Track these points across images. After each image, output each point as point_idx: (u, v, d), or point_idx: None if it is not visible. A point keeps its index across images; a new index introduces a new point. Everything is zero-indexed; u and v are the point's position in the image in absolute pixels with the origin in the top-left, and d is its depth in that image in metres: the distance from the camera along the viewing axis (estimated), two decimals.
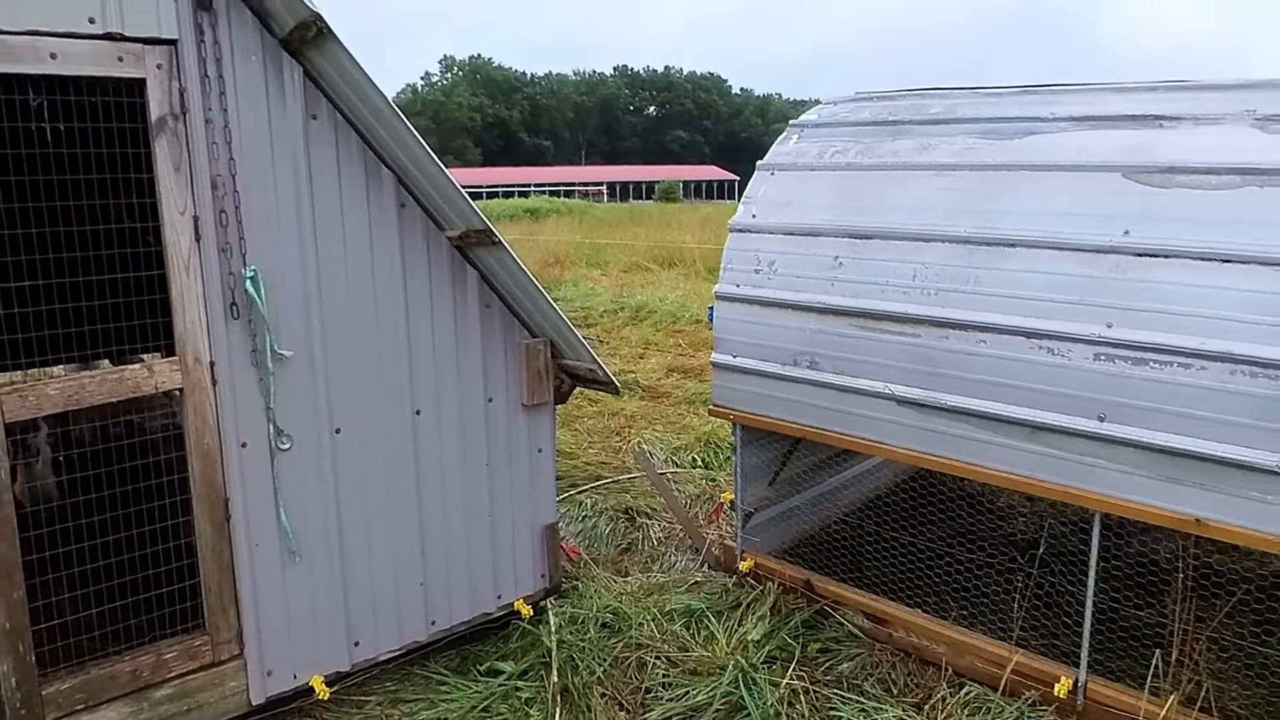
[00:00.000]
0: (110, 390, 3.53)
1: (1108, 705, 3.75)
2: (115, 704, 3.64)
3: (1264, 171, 3.30)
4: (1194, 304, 3.33)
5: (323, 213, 3.94)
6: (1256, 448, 3.20)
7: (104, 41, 3.34)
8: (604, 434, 8.32)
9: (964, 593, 4.71)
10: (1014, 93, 4.39)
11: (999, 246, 3.85)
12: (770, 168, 4.85)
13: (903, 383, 4.15)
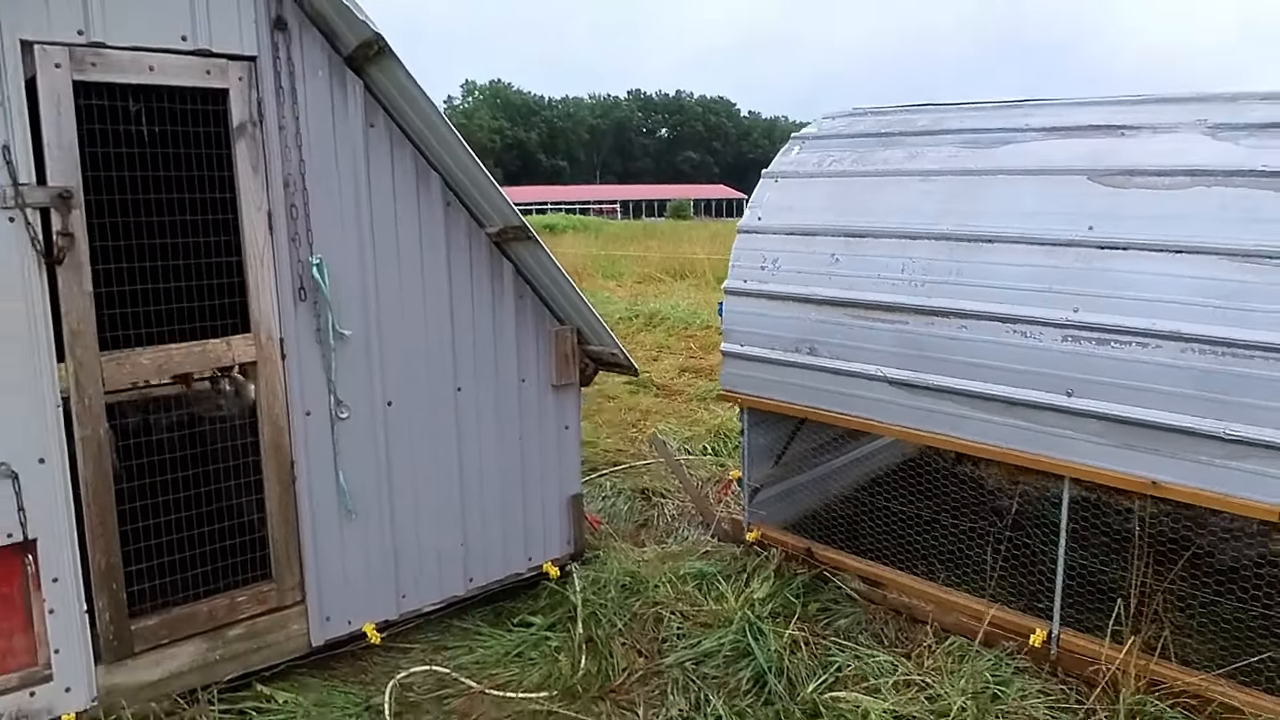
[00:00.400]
0: (194, 361, 3.87)
1: (1077, 653, 3.95)
2: (194, 640, 3.93)
3: (1211, 173, 3.53)
4: (1148, 290, 3.55)
5: (379, 209, 4.25)
6: (1204, 416, 3.42)
7: (194, 57, 3.68)
8: (621, 426, 8.59)
9: (951, 558, 4.90)
10: (993, 107, 4.62)
11: (978, 242, 4.08)
12: (774, 175, 5.09)
13: (893, 366, 4.36)
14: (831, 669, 4.12)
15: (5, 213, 3.30)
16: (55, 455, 3.53)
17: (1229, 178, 3.51)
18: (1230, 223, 3.44)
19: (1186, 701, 3.67)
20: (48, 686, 3.60)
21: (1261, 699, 3.56)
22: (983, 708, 3.70)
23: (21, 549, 3.51)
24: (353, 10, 3.78)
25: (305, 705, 3.99)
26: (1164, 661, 3.80)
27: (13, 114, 3.29)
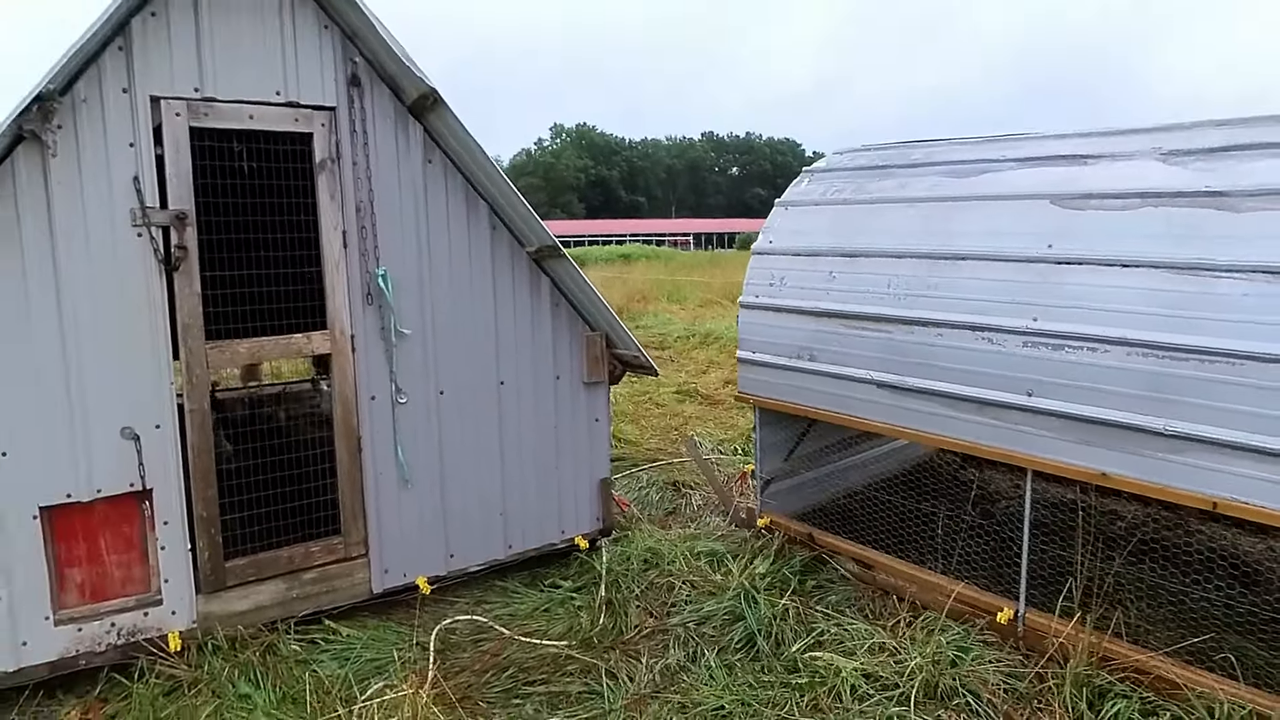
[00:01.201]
0: (281, 350, 4.33)
1: (1039, 630, 4.05)
2: (276, 580, 4.35)
3: (1159, 194, 3.66)
4: (1099, 300, 3.68)
5: (434, 230, 4.64)
6: (1147, 414, 3.55)
7: (286, 107, 4.15)
8: (664, 429, 8.83)
9: (940, 548, 5.00)
10: (976, 141, 4.77)
11: (953, 260, 4.25)
12: (785, 204, 5.32)
13: (880, 370, 4.54)
14: (814, 634, 4.30)
15: (135, 229, 3.80)
16: (169, 422, 3.98)
17: (1175, 198, 3.63)
18: (1173, 239, 3.56)
19: (1134, 676, 3.75)
20: (158, 609, 4.05)
21: (1197, 675, 3.62)
22: (940, 669, 3.84)
23: (140, 496, 3.98)
24: (413, 69, 4.20)
25: (364, 639, 4.35)
26: (1115, 639, 3.88)
27: (143, 153, 3.81)
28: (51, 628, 3.87)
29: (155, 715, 3.78)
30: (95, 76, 3.73)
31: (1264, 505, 3.35)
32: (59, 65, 3.53)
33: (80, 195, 3.73)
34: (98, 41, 3.65)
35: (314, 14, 4.20)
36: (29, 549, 3.79)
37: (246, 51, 4.06)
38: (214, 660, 4.07)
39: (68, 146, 3.68)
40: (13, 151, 3.60)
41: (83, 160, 3.72)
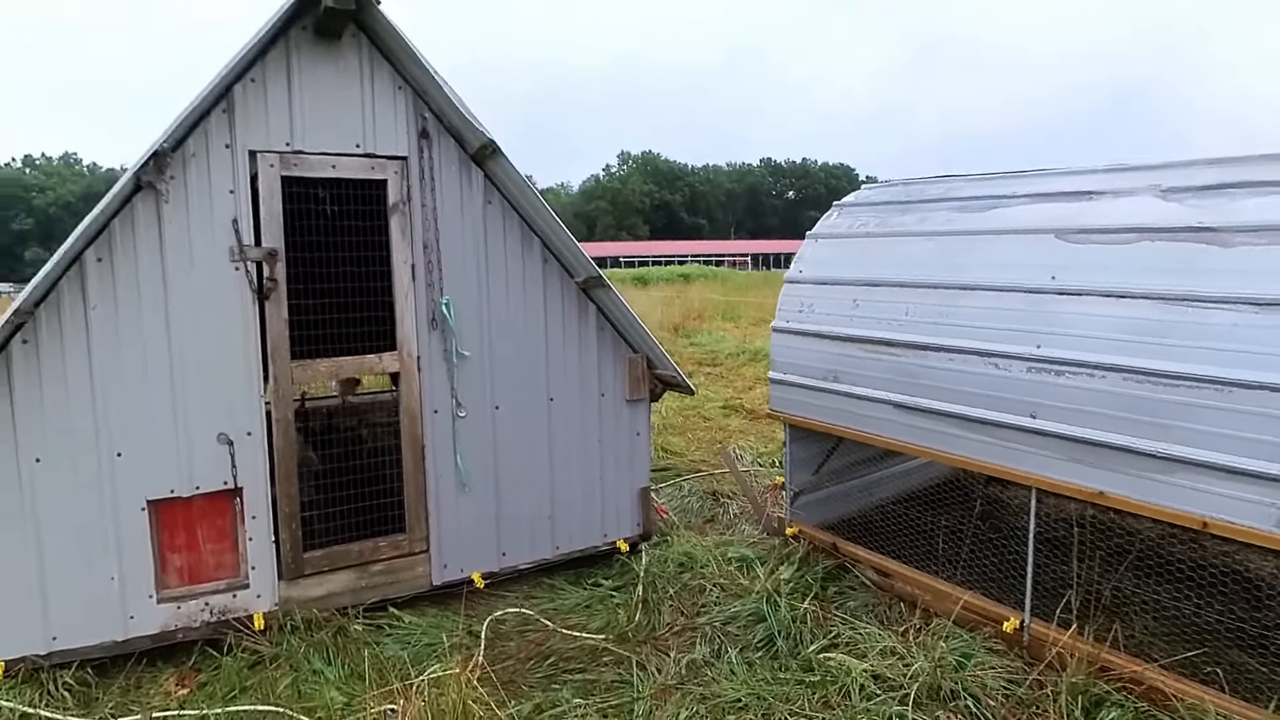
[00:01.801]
0: (355, 368, 4.62)
1: (1042, 639, 4.04)
2: (347, 570, 4.58)
3: (1155, 230, 3.67)
4: (1096, 329, 3.69)
5: (492, 263, 4.84)
6: (1140, 437, 3.54)
7: (363, 158, 4.43)
8: (709, 442, 8.87)
9: (957, 560, 4.99)
10: (990, 178, 4.78)
11: (964, 290, 4.29)
12: (815, 236, 5.42)
13: (896, 391, 4.59)
14: (830, 636, 4.32)
15: (233, 264, 4.13)
16: (258, 429, 4.27)
17: (1170, 233, 3.63)
18: (1165, 272, 3.56)
19: (1130, 686, 3.73)
20: (245, 592, 4.32)
21: (1189, 687, 3.60)
22: (943, 672, 3.86)
23: (232, 493, 4.26)
24: (474, 122, 4.47)
25: (424, 626, 4.53)
26: (1114, 650, 3.86)
27: (240, 199, 4.14)
28: (154, 605, 4.16)
29: (241, 685, 4.02)
30: (203, 134, 4.08)
31: (1249, 525, 3.33)
32: (172, 126, 3.88)
33: (187, 235, 4.08)
34: (205, 105, 4.00)
35: (389, 77, 4.49)
36: (137, 536, 4.11)
37: (331, 111, 4.36)
38: (292, 639, 4.28)
39: (178, 194, 4.04)
40: (133, 198, 3.97)
41: (190, 205, 4.07)
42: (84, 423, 3.97)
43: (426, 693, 3.69)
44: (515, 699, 3.91)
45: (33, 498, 3.92)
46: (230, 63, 3.98)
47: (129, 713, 3.85)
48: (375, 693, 3.90)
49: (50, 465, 3.93)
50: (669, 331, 19.12)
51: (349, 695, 3.92)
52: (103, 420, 4.01)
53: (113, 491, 4.05)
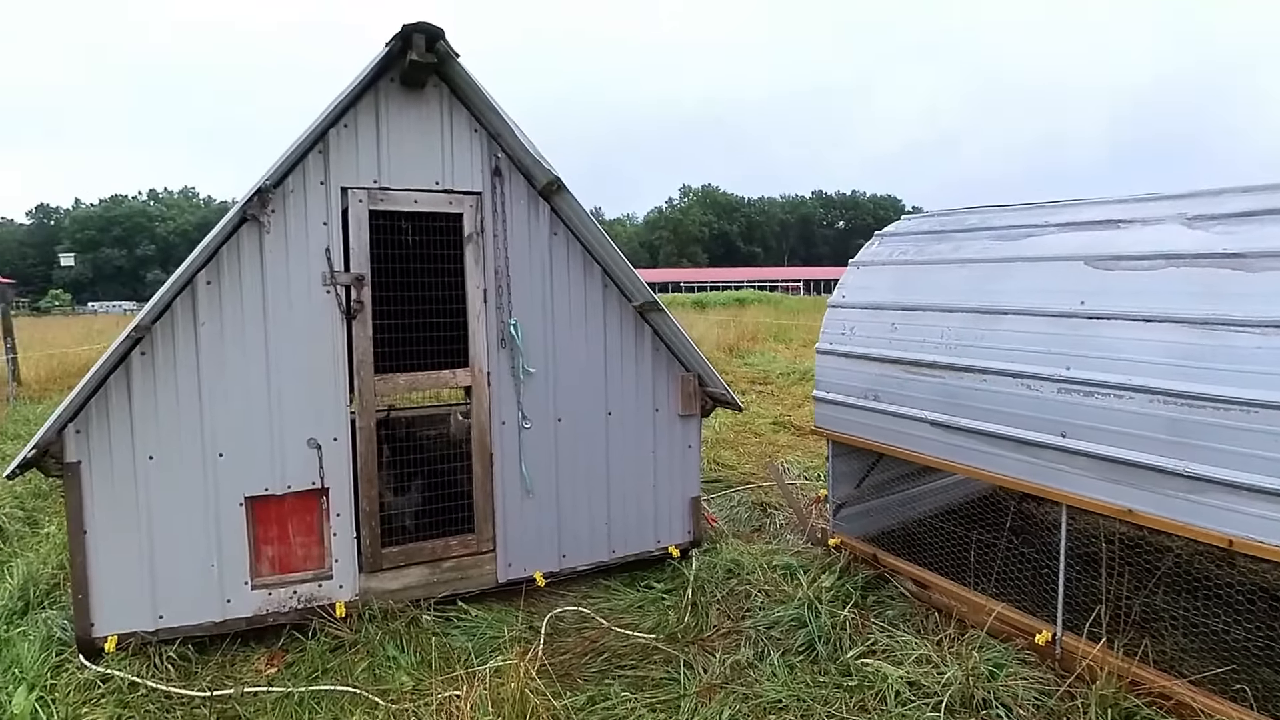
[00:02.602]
0: (432, 383, 4.71)
1: (1074, 652, 3.93)
2: (420, 566, 4.67)
3: (1181, 256, 3.57)
4: (1125, 352, 3.60)
5: (557, 289, 4.93)
6: (1168, 456, 3.43)
7: (442, 193, 4.58)
8: (759, 456, 8.83)
9: (992, 573, 4.83)
10: (1023, 208, 4.71)
11: (997, 314, 4.22)
12: (858, 264, 5.38)
13: (933, 410, 4.52)
14: (868, 643, 4.27)
15: (324, 288, 4.31)
16: (343, 435, 4.41)
17: (1196, 259, 3.53)
18: (1192, 296, 3.46)
19: (1159, 700, 3.60)
20: (329, 582, 4.45)
21: (1217, 703, 3.46)
22: (976, 682, 3.78)
23: (320, 493, 4.40)
24: (542, 161, 4.59)
25: (489, 619, 4.59)
26: (1144, 665, 3.73)
27: (333, 230, 4.33)
28: (249, 591, 4.31)
29: (323, 667, 4.13)
30: (301, 173, 4.29)
31: (1276, 544, 3.21)
32: (274, 165, 4.11)
33: (286, 262, 4.28)
34: (304, 147, 4.23)
35: (467, 121, 4.66)
36: (235, 529, 4.27)
37: (414, 151, 4.53)
38: (370, 627, 4.37)
39: (278, 225, 4.25)
40: (239, 229, 4.20)
41: (288, 235, 4.28)
42: (191, 426, 4.17)
43: (488, 681, 3.74)
44: (570, 691, 3.94)
45: (146, 491, 4.11)
46: (326, 110, 4.21)
47: (224, 687, 3.98)
48: (441, 679, 3.98)
49: (161, 463, 4.13)
50: (725, 352, 19.11)
51: (418, 680, 4.01)
52: (208, 424, 4.20)
53: (215, 488, 4.23)
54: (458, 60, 4.33)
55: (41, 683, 3.98)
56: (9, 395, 13.16)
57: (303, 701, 3.84)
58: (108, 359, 3.95)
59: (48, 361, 16.71)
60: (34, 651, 4.21)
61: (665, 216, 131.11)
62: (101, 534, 4.06)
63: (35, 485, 7.47)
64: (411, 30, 4.14)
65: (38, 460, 3.96)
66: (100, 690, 3.93)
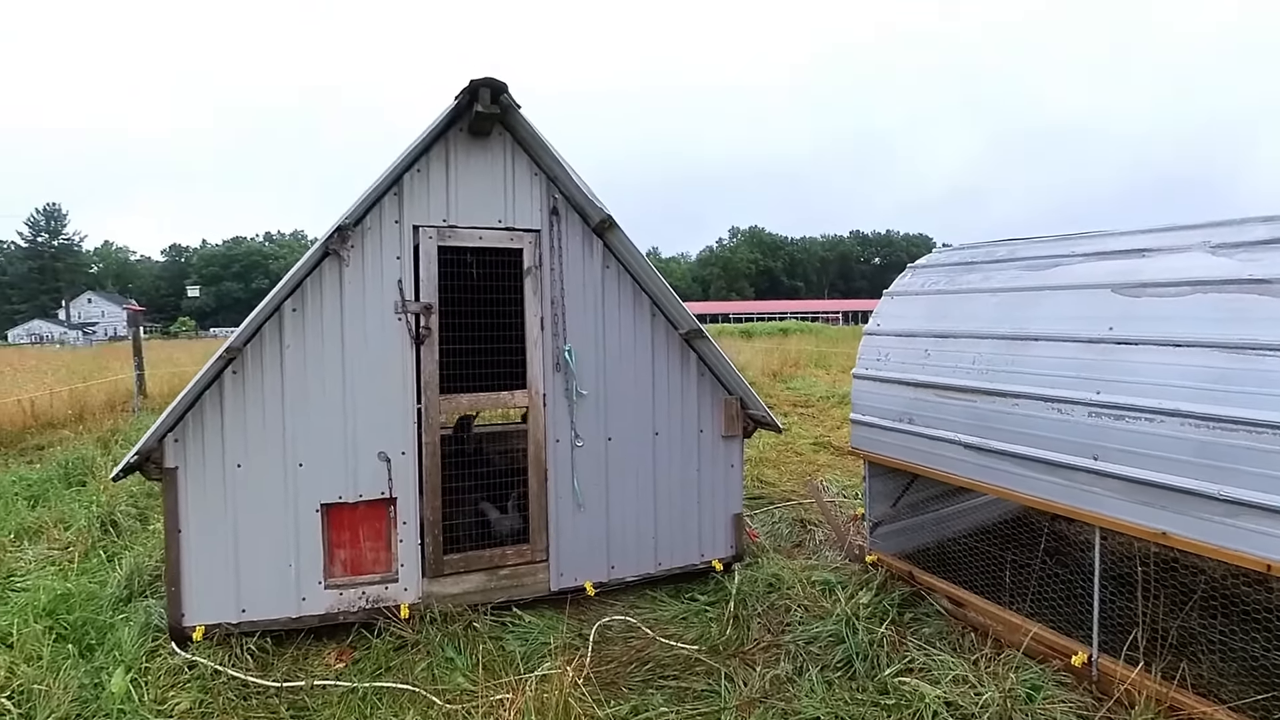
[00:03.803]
0: (492, 403, 4.75)
1: (1111, 675, 3.71)
2: (479, 573, 4.65)
3: (1207, 283, 3.41)
4: (1154, 376, 3.42)
5: (608, 317, 4.92)
6: (1201, 479, 3.23)
7: (504, 230, 4.63)
8: (799, 475, 8.60)
9: (1027, 592, 4.64)
10: (1050, 239, 4.56)
11: (1027, 340, 4.06)
12: (892, 294, 5.26)
13: (966, 433, 4.35)
14: (906, 661, 4.05)
15: (396, 316, 4.38)
16: (410, 449, 4.45)
17: (1223, 286, 3.36)
18: (1221, 321, 3.29)
19: None
20: (395, 585, 4.46)
21: None
22: (1014, 704, 3.55)
23: (388, 502, 4.44)
24: (595, 201, 4.63)
25: (541, 626, 4.49)
26: (1182, 689, 3.47)
27: (405, 264, 4.41)
28: (322, 590, 4.35)
29: (386, 664, 4.11)
30: (377, 212, 4.41)
31: None
32: (353, 206, 4.23)
33: (362, 292, 4.38)
34: (380, 190, 4.34)
35: (527, 165, 4.72)
36: (311, 533, 4.32)
37: (480, 193, 4.61)
38: (430, 629, 4.35)
39: (356, 259, 4.36)
40: (321, 262, 4.32)
41: (365, 268, 4.38)
42: (275, 438, 4.27)
43: (534, 686, 3.66)
44: (614, 700, 3.82)
45: (233, 496, 4.22)
46: (401, 156, 4.32)
47: (297, 678, 4.01)
48: (493, 682, 3.91)
49: (247, 470, 4.22)
50: (769, 377, 18.96)
51: (472, 682, 3.94)
52: (289, 437, 4.29)
53: (294, 495, 4.30)
54: (519, 111, 4.41)
55: (137, 665, 4.08)
56: (135, 406, 13.84)
57: (366, 697, 3.82)
58: (203, 376, 4.06)
59: (170, 378, 17.62)
60: (133, 636, 4.34)
61: (716, 255, 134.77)
62: (194, 533, 4.15)
63: (148, 486, 7.72)
64: (478, 85, 4.23)
65: (140, 465, 4.08)
66: (187, 676, 4.00)
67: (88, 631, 4.44)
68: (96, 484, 8.11)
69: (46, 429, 12.22)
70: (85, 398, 14.15)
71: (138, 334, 15.04)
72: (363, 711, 3.70)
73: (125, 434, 11.26)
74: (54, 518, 6.88)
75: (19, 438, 11.57)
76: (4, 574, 5.57)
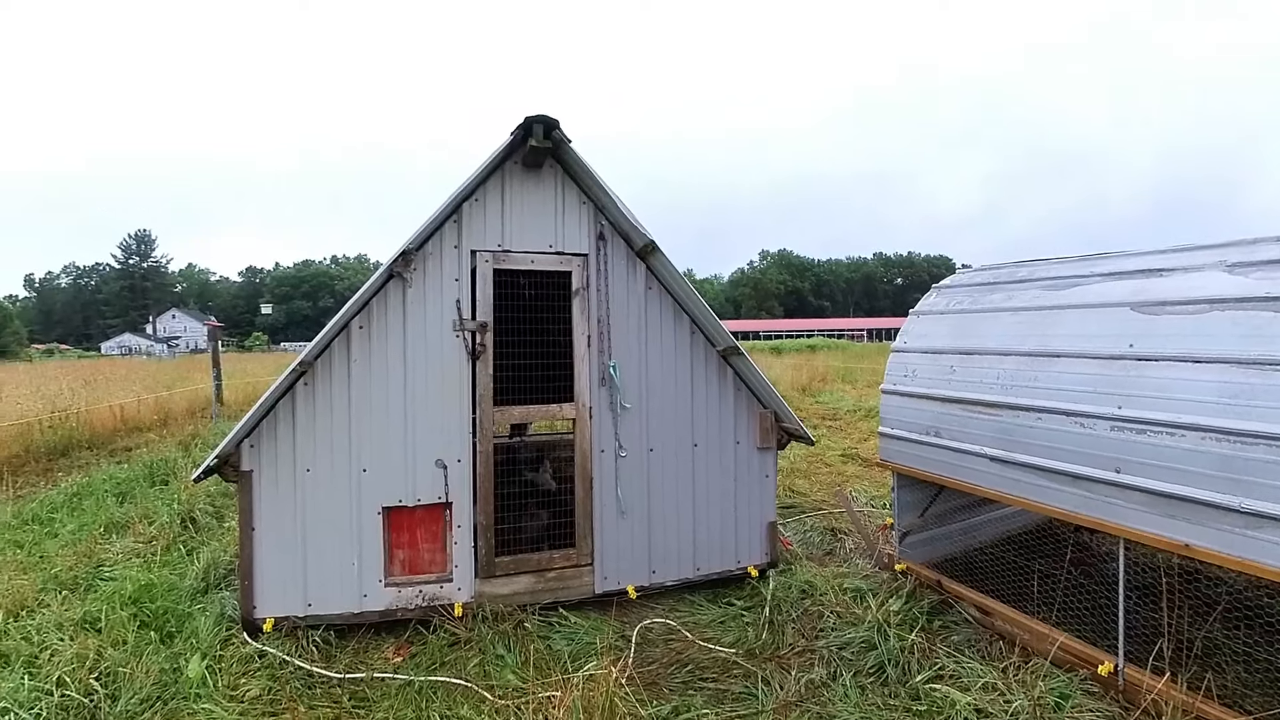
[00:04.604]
0: (541, 415, 4.83)
1: (1137, 685, 3.65)
2: (527, 575, 4.72)
3: (1225, 300, 3.39)
4: (1174, 391, 3.41)
5: (650, 335, 5.00)
6: (1223, 492, 3.20)
7: (555, 255, 4.75)
8: (830, 486, 8.52)
9: (1052, 602, 4.59)
10: (1070, 260, 4.54)
11: (1050, 357, 4.06)
12: (917, 313, 5.26)
13: (991, 446, 4.34)
14: (936, 668, 4.02)
15: (454, 333, 4.51)
16: (465, 457, 4.56)
17: (1240, 303, 3.34)
18: (1239, 338, 3.27)
19: None
20: (449, 584, 4.55)
21: None
22: (1043, 713, 3.50)
23: (444, 506, 4.54)
24: (639, 227, 4.74)
25: (586, 626, 4.54)
26: (1208, 699, 3.41)
27: (463, 285, 4.55)
28: (382, 588, 4.46)
29: (441, 660, 4.18)
30: (438, 239, 4.57)
31: None
32: (416, 232, 4.40)
33: (424, 311, 4.53)
34: (441, 218, 4.52)
35: (576, 195, 4.86)
36: (373, 534, 4.44)
37: (532, 221, 4.75)
38: (482, 627, 4.42)
39: (418, 281, 4.52)
40: (386, 283, 4.48)
41: (426, 290, 4.54)
42: (341, 445, 4.42)
43: (580, 684, 3.67)
44: (656, 700, 3.82)
45: (302, 498, 4.37)
46: (460, 187, 4.49)
47: (358, 670, 4.10)
48: (541, 680, 3.94)
49: (316, 475, 4.38)
50: (798, 391, 18.90)
51: (521, 679, 3.98)
52: (354, 444, 4.44)
53: (358, 498, 4.43)
54: (570, 145, 4.55)
55: (212, 653, 4.22)
56: (213, 413, 14.38)
57: (422, 690, 3.87)
58: (278, 387, 4.23)
59: (244, 387, 18.39)
60: (209, 625, 4.49)
61: (746, 276, 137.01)
62: (266, 531, 4.30)
63: (225, 486, 8.00)
64: (532, 121, 4.38)
65: (219, 468, 4.24)
66: (257, 664, 4.12)
67: (168, 620, 4.61)
68: (178, 483, 8.43)
69: (134, 432, 12.87)
70: (169, 405, 14.85)
71: (216, 347, 15.70)
72: (419, 704, 3.74)
73: (204, 438, 11.73)
74: (139, 513, 7.18)
75: (110, 440, 12.21)
76: (94, 564, 5.84)
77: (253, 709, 3.69)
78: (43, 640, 4.23)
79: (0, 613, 4.64)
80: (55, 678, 3.75)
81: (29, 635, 4.32)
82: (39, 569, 5.65)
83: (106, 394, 14.63)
